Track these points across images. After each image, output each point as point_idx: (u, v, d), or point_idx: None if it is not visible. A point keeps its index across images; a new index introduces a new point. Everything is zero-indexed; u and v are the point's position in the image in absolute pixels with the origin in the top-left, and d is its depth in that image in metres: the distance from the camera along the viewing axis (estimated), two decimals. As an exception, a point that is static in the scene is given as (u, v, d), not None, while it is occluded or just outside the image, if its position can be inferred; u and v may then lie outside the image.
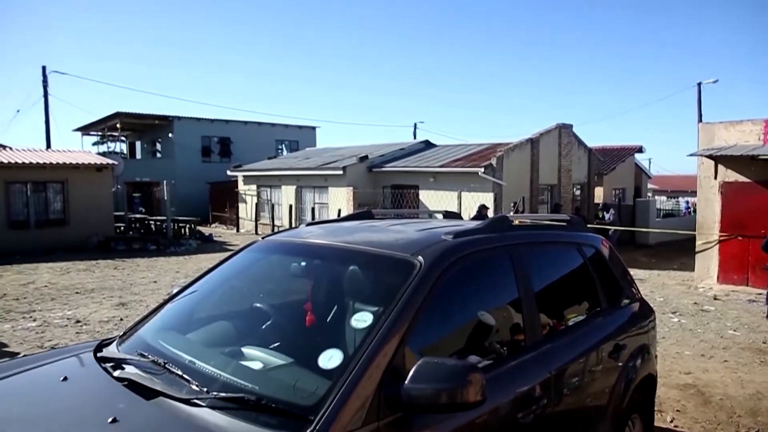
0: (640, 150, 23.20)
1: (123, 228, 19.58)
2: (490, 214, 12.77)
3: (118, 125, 28.65)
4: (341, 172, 18.06)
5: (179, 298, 2.72)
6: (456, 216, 4.06)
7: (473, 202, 14.18)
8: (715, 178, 11.31)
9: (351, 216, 3.61)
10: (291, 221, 19.30)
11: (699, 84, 23.73)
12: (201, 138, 29.45)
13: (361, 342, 1.88)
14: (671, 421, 4.50)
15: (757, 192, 10.69)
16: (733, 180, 11.09)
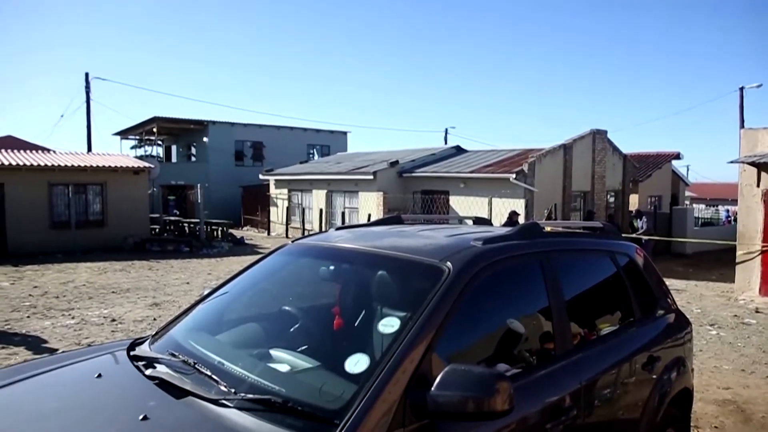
0: (677, 157, 22.57)
1: (158, 230, 20.05)
2: (521, 220, 12.61)
3: (154, 129, 29.42)
4: (372, 176, 18.12)
5: (210, 299, 2.77)
6: (486, 222, 4.02)
7: (504, 208, 14.03)
8: (758, 185, 10.91)
9: (380, 221, 3.62)
10: (321, 225, 19.45)
11: (741, 88, 23.04)
12: (234, 142, 30.00)
13: (388, 347, 1.87)
14: (708, 438, 4.35)
15: (803, 201, 10.27)
16: (777, 188, 10.69)
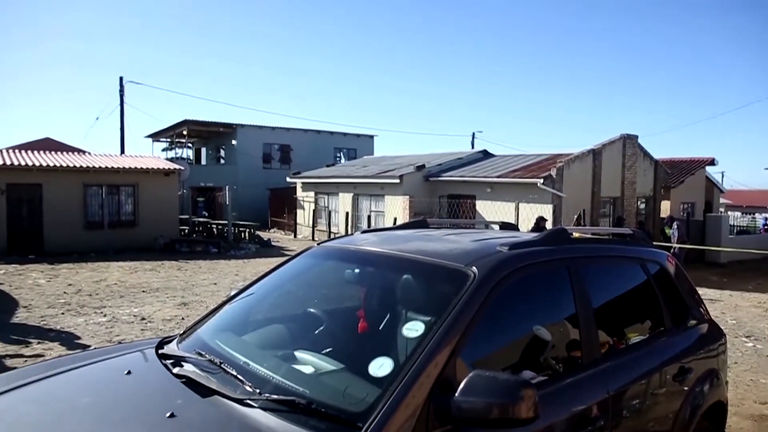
0: (711, 162, 21.98)
1: (187, 231, 20.42)
2: (548, 226, 12.45)
3: (185, 132, 30.02)
4: (398, 180, 18.13)
5: (237, 300, 2.80)
6: (513, 227, 3.98)
7: (531, 213, 13.87)
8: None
9: (406, 224, 3.61)
10: (347, 228, 19.53)
11: (780, 93, 22.30)
12: (262, 145, 30.39)
13: (413, 351, 1.87)
14: (742, 453, 4.21)
15: None
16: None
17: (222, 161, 32.85)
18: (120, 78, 26.11)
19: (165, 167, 18.42)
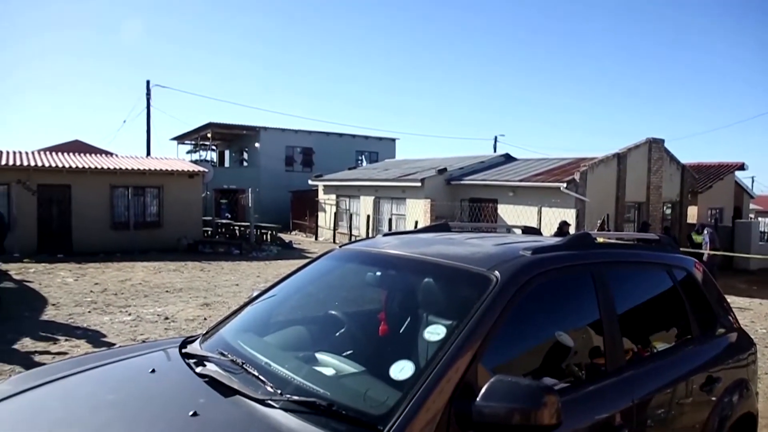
0: (741, 167, 21.44)
1: (210, 232, 20.69)
2: (571, 231, 12.29)
3: (209, 135, 30.40)
4: (419, 184, 18.11)
5: (258, 301, 2.83)
6: (535, 232, 3.94)
7: (554, 218, 13.71)
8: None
9: (428, 228, 3.61)
10: (368, 231, 19.57)
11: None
12: (285, 148, 30.61)
13: (434, 355, 1.86)
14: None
15: None
16: None
17: (245, 164, 33.20)
18: (147, 82, 26.66)
19: (189, 169, 18.68)
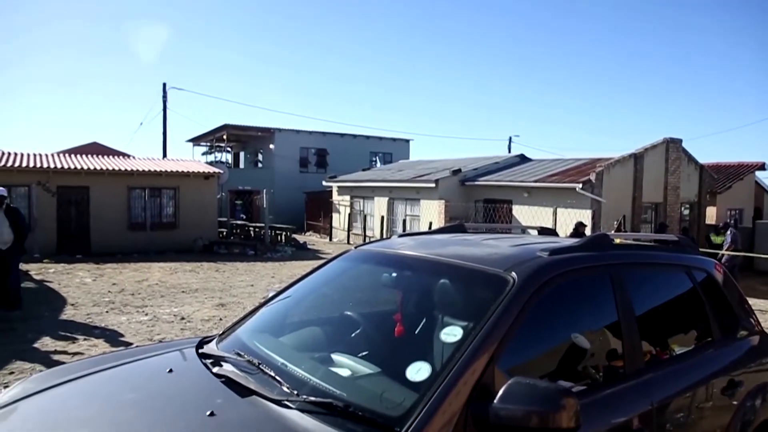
0: (762, 167, 21.07)
1: (225, 233, 20.83)
2: (587, 232, 12.18)
3: (224, 136, 30.68)
4: (433, 184, 18.07)
5: (274, 302, 2.84)
6: (551, 233, 3.90)
7: (569, 219, 13.60)
8: None
9: (443, 229, 3.59)
10: (382, 232, 19.58)
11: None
12: (299, 149, 30.78)
13: (450, 357, 1.85)
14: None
15: None
16: None
17: (260, 165, 33.42)
18: (163, 84, 27.02)
19: (205, 171, 18.84)
